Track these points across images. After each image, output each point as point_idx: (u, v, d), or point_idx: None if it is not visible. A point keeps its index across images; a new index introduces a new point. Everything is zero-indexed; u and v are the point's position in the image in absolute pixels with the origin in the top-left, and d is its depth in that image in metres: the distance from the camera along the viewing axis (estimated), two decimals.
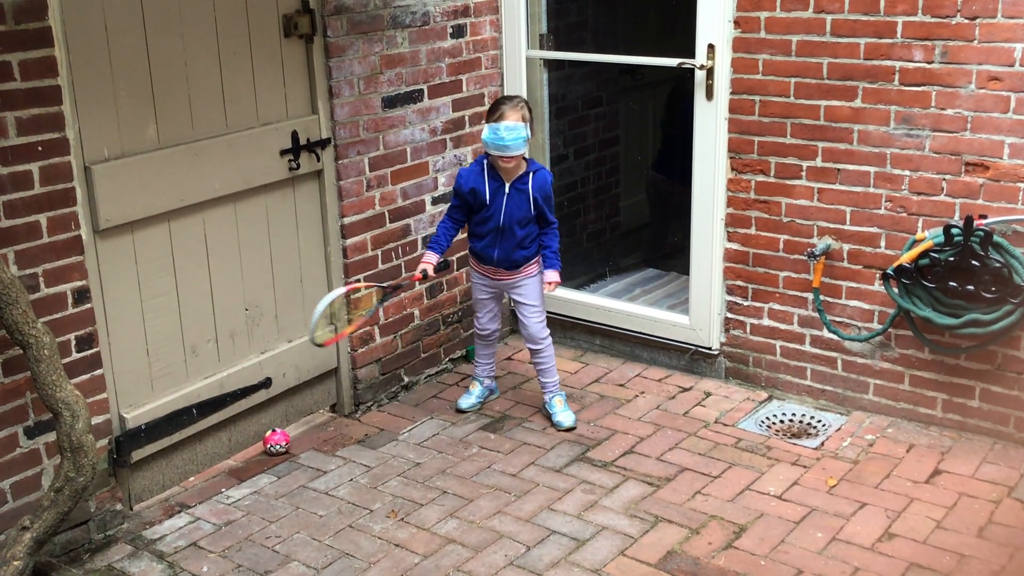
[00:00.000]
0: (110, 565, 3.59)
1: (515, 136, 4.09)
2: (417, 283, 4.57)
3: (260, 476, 4.13)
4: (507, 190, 4.23)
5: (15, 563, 3.22)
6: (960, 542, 3.53)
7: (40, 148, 3.36)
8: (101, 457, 3.66)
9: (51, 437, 3.50)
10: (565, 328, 5.22)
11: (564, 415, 4.43)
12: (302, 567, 3.54)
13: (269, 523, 3.80)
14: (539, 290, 4.42)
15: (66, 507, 3.31)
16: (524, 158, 4.26)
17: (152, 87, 3.73)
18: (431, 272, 4.31)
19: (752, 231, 4.54)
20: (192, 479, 4.12)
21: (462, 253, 5.05)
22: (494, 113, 4.15)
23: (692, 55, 4.48)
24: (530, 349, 4.49)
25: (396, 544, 3.65)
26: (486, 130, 4.14)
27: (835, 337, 4.41)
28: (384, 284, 4.29)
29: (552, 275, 4.37)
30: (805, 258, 4.41)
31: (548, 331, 4.47)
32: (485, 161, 4.25)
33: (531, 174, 4.26)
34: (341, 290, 4.08)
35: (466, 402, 4.63)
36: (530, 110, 4.24)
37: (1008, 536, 3.55)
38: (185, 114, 3.85)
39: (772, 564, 3.46)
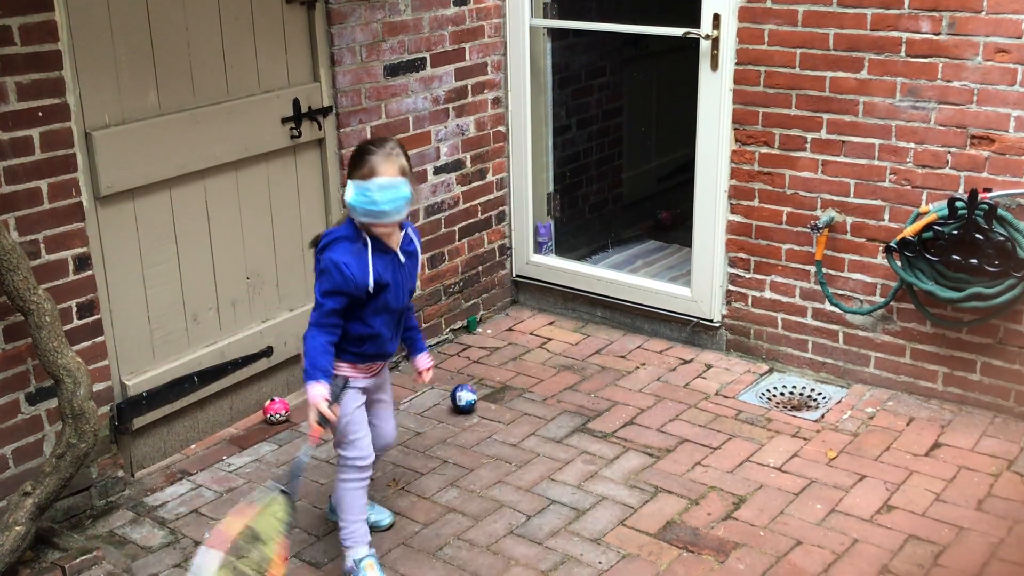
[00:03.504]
0: (112, 531, 3.61)
1: (393, 197, 3.00)
2: (316, 444, 3.19)
3: (261, 444, 4.14)
4: (402, 259, 3.19)
5: (17, 528, 3.24)
6: (959, 515, 3.54)
7: (40, 113, 3.34)
8: (103, 424, 3.67)
9: (52, 404, 3.51)
10: (567, 299, 5.22)
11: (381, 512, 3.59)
12: (303, 534, 3.56)
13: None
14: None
15: (68, 473, 3.32)
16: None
17: (153, 53, 3.70)
18: (328, 413, 3.05)
19: (755, 203, 4.52)
20: (193, 447, 4.13)
21: (462, 223, 5.04)
22: (360, 166, 3.03)
23: (697, 25, 4.44)
24: (383, 451, 3.53)
25: (397, 512, 3.67)
26: (350, 190, 3.02)
27: (837, 310, 4.41)
28: (278, 485, 3.05)
29: (427, 359, 3.45)
30: (808, 230, 4.40)
31: None
32: (357, 231, 3.11)
33: (408, 230, 3.26)
34: (215, 557, 2.83)
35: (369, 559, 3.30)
36: (407, 156, 3.11)
37: (1007, 509, 3.56)
38: (186, 80, 3.82)
39: (771, 535, 3.47)
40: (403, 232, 3.22)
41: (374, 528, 3.51)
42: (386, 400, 3.45)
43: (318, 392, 3.04)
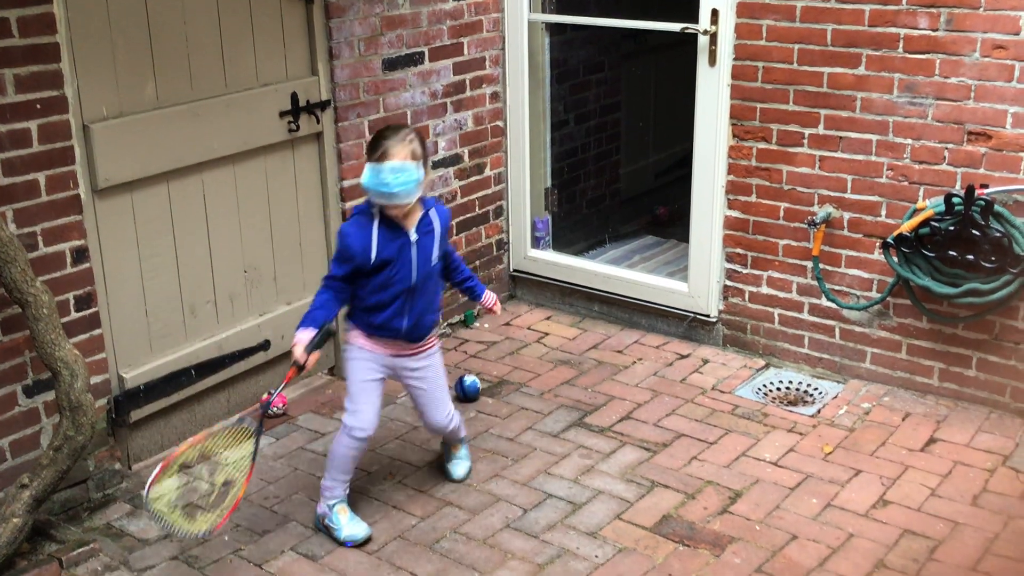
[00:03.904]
0: (109, 523, 3.61)
1: (403, 180, 3.20)
2: (288, 382, 3.37)
3: None
4: (414, 238, 3.36)
5: (14, 520, 3.24)
6: (954, 510, 3.55)
7: (38, 106, 3.34)
8: (100, 416, 3.67)
9: (50, 396, 3.51)
10: (564, 294, 5.22)
11: (460, 464, 3.83)
12: (300, 527, 3.56)
13: (267, 484, 3.82)
14: (443, 369, 3.62)
15: (65, 466, 3.32)
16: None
17: (151, 46, 3.70)
18: (300, 356, 3.25)
19: (753, 199, 4.53)
20: (191, 440, 4.12)
21: (460, 218, 5.05)
22: (375, 150, 3.25)
23: (695, 20, 4.44)
24: (435, 434, 3.79)
25: (394, 506, 3.67)
26: (366, 172, 3.25)
27: (833, 305, 4.42)
28: (241, 419, 3.35)
29: (491, 297, 3.70)
30: (805, 226, 4.40)
31: (457, 413, 3.71)
32: (373, 209, 3.34)
33: (432, 211, 3.43)
34: (152, 476, 3.10)
35: (361, 528, 3.49)
36: (423, 143, 3.31)
37: (1002, 504, 3.58)
38: (184, 74, 3.82)
39: (767, 529, 3.48)
40: (423, 212, 3.40)
41: (446, 476, 3.80)
42: (426, 389, 3.56)
43: (299, 336, 3.29)
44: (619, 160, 6.21)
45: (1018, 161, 3.89)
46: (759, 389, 4.43)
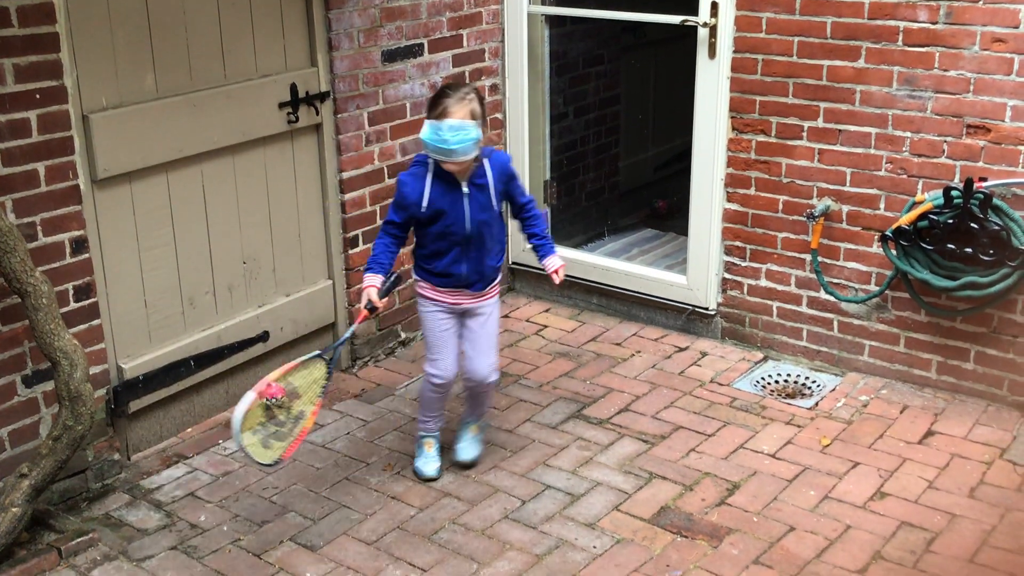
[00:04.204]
0: (108, 513, 3.62)
1: (462, 138, 3.32)
2: (362, 321, 3.58)
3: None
4: (466, 190, 3.50)
5: (13, 510, 3.25)
6: (951, 502, 3.56)
7: (38, 96, 3.33)
8: (99, 406, 3.68)
9: (49, 386, 3.52)
10: (563, 287, 5.20)
11: (469, 447, 3.86)
12: (299, 518, 3.57)
13: (266, 474, 3.83)
14: (498, 320, 3.74)
15: (64, 455, 3.33)
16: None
17: (150, 36, 3.70)
18: (376, 300, 3.49)
19: (752, 191, 4.53)
20: (190, 430, 4.14)
21: None
22: (436, 107, 3.37)
23: (695, 12, 4.44)
24: (471, 389, 3.78)
25: (392, 497, 3.68)
26: (426, 128, 3.37)
27: (832, 298, 4.42)
28: (320, 352, 3.50)
29: (554, 261, 3.68)
30: (804, 219, 4.41)
31: (498, 375, 3.77)
32: (430, 161, 3.48)
33: (486, 162, 3.53)
34: (250, 397, 3.26)
35: (431, 467, 3.77)
36: (482, 102, 3.43)
37: (999, 497, 3.58)
38: (183, 64, 3.82)
39: (764, 521, 3.49)
40: (482, 165, 3.51)
41: (454, 455, 3.86)
42: (478, 334, 3.66)
43: (369, 280, 3.51)
44: (618, 153, 6.20)
45: (1017, 154, 3.90)
46: (757, 382, 4.44)
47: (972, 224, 3.86)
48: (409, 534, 3.47)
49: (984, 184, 3.90)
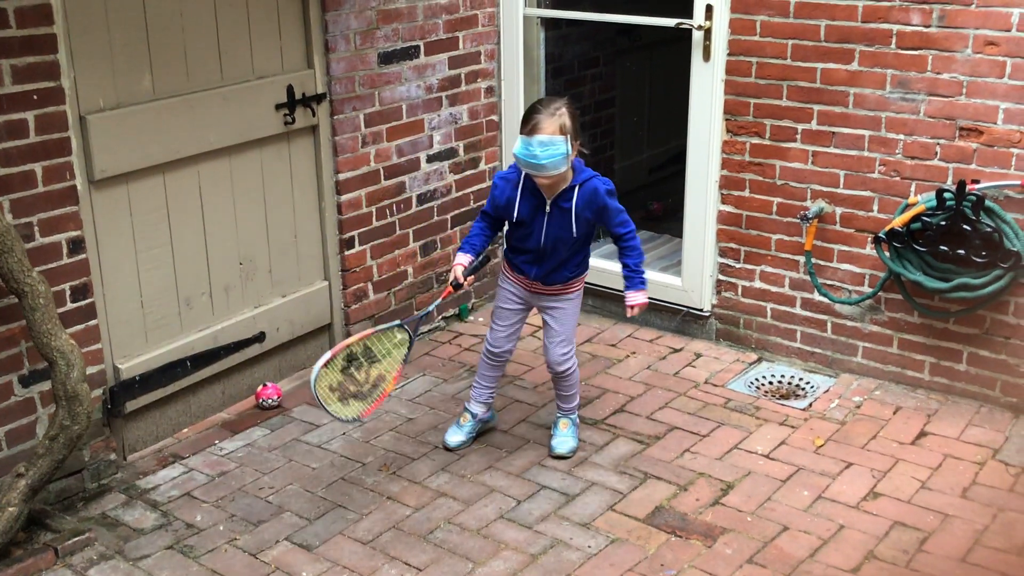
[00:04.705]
0: (104, 513, 3.63)
1: (552, 153, 3.39)
2: (448, 296, 3.75)
3: (253, 429, 4.16)
4: (548, 209, 3.58)
5: (10, 509, 3.25)
6: (944, 502, 3.58)
7: (35, 97, 3.35)
8: (95, 407, 3.69)
9: (46, 386, 3.52)
10: None
11: (563, 440, 3.93)
12: (295, 517, 3.58)
13: (262, 475, 3.84)
14: (574, 316, 3.82)
15: (60, 455, 3.34)
16: (573, 166, 3.59)
17: (148, 38, 3.71)
18: (460, 277, 3.65)
19: (746, 193, 4.56)
20: (186, 431, 4.15)
21: (455, 211, 5.06)
22: (527, 123, 3.46)
23: (690, 15, 4.47)
24: (551, 375, 3.95)
25: (388, 497, 3.69)
26: (518, 143, 3.46)
27: (825, 300, 4.45)
28: (402, 322, 3.67)
29: (633, 296, 3.70)
30: (798, 221, 4.43)
31: (574, 361, 3.87)
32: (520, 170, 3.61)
33: (576, 188, 3.57)
34: (326, 357, 3.45)
35: (454, 438, 3.93)
36: (573, 116, 3.49)
37: (992, 497, 3.61)
38: (180, 65, 3.83)
39: (758, 520, 3.51)
40: (572, 188, 3.57)
41: (549, 451, 3.93)
42: (552, 326, 3.81)
43: (458, 259, 3.70)
44: (613, 155, 6.23)
45: (1009, 157, 3.92)
46: (751, 383, 4.46)
47: (965, 226, 3.88)
48: (405, 534, 3.49)
49: (976, 186, 3.92)
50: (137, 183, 3.78)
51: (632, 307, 3.72)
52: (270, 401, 4.31)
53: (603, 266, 5.11)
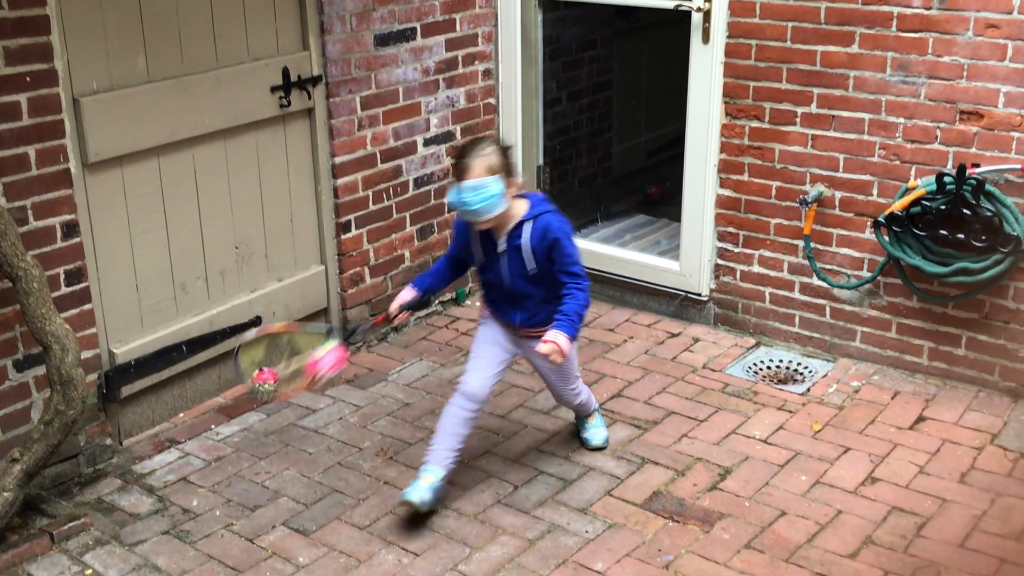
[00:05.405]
0: (100, 498, 3.61)
1: (483, 197, 3.21)
2: (380, 324, 3.66)
3: (249, 414, 4.15)
4: (501, 248, 3.40)
5: (5, 494, 3.24)
6: (942, 487, 3.58)
7: (28, 79, 3.31)
8: (91, 391, 3.67)
9: (40, 370, 3.50)
10: None
11: (596, 432, 3.87)
12: (291, 502, 3.57)
13: (259, 460, 3.83)
14: (572, 356, 3.58)
15: (56, 440, 3.32)
16: (524, 195, 3.42)
17: (142, 19, 3.67)
18: (393, 309, 3.52)
19: (745, 177, 4.53)
20: (182, 415, 4.13)
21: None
22: (456, 169, 3.30)
23: None
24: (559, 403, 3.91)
25: (385, 482, 3.68)
26: (450, 192, 3.31)
27: (824, 284, 4.43)
28: (329, 328, 3.64)
29: (554, 335, 3.29)
30: (797, 205, 4.41)
31: (584, 391, 3.78)
32: None
33: (527, 223, 3.35)
34: (254, 333, 3.51)
35: (414, 493, 3.39)
36: (504, 152, 3.30)
37: (990, 482, 3.60)
38: (175, 47, 3.80)
39: (756, 505, 3.50)
40: (522, 224, 3.36)
41: (584, 444, 3.86)
42: (543, 369, 3.63)
43: (403, 292, 3.56)
44: (611, 138, 6.19)
45: (1009, 140, 3.90)
46: (749, 367, 4.45)
47: (964, 210, 3.86)
48: (401, 518, 3.48)
49: (977, 170, 3.90)
50: (131, 166, 3.75)
51: (545, 341, 3.27)
52: (266, 385, 4.28)
53: (599, 250, 5.09)
